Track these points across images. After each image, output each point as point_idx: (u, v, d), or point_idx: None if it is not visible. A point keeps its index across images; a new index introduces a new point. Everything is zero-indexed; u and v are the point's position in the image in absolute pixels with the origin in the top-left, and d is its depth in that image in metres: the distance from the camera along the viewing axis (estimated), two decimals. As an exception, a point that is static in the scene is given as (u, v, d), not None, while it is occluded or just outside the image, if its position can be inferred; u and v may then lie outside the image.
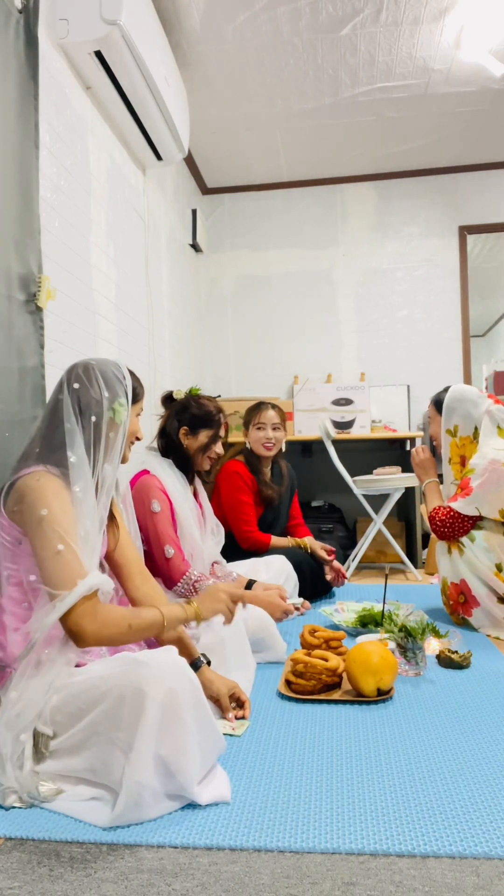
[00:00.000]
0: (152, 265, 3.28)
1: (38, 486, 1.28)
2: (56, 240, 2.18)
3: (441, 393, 2.47)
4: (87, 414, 1.36)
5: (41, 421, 1.42)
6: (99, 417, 1.36)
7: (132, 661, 1.18)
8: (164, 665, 1.16)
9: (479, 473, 2.26)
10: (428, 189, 4.36)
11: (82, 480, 1.32)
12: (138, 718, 1.10)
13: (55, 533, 1.24)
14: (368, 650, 1.63)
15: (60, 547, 1.23)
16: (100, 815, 1.12)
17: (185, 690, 1.15)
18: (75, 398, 1.36)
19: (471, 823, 1.09)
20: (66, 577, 1.22)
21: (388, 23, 2.88)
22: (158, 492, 2.06)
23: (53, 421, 1.37)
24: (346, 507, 4.38)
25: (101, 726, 1.15)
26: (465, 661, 1.89)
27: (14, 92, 1.88)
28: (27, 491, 1.28)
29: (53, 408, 1.39)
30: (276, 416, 2.87)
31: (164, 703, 1.11)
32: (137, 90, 2.50)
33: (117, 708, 1.13)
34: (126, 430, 1.42)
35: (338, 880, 0.95)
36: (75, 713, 1.19)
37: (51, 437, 1.36)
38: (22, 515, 1.28)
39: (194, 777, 1.15)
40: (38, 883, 0.96)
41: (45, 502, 1.26)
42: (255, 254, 4.53)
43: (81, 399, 1.37)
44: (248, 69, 3.17)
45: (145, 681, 1.12)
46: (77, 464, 1.32)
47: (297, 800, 1.18)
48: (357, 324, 4.43)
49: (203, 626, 1.67)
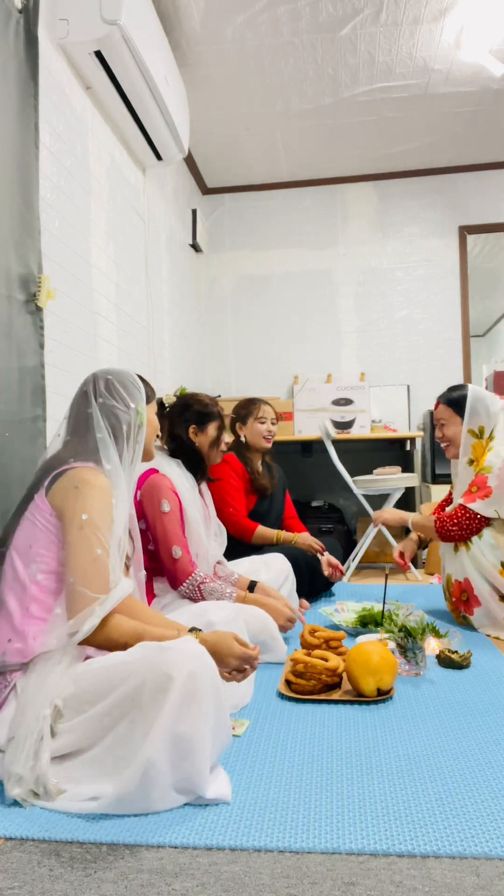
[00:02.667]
0: (152, 265, 3.28)
1: (89, 482, 1.35)
2: (56, 240, 2.18)
3: (453, 393, 2.41)
4: (116, 426, 1.47)
5: (69, 434, 1.50)
6: (128, 426, 1.48)
7: (157, 647, 1.23)
8: (188, 651, 1.21)
9: (496, 474, 2.24)
10: (428, 189, 4.36)
11: (117, 488, 1.42)
12: (163, 699, 1.14)
13: (96, 537, 1.31)
14: (368, 650, 1.63)
15: (99, 552, 1.31)
16: (104, 801, 1.13)
17: (207, 675, 1.19)
18: (104, 412, 1.47)
19: (471, 823, 1.09)
20: (103, 582, 1.30)
21: (388, 23, 2.88)
22: (169, 491, 2.06)
23: (84, 433, 1.46)
24: (346, 507, 4.38)
25: (122, 707, 1.18)
26: (465, 661, 1.89)
27: (14, 92, 1.88)
28: (79, 483, 1.35)
29: (84, 421, 1.47)
30: (272, 410, 2.98)
31: (186, 685, 1.15)
32: (137, 90, 2.50)
33: (140, 690, 1.16)
34: (146, 432, 1.54)
35: (338, 880, 0.95)
36: (93, 698, 1.21)
37: (84, 445, 1.44)
38: (64, 507, 1.34)
39: (205, 763, 1.16)
40: (38, 883, 0.96)
41: (91, 503, 1.33)
42: (255, 254, 4.53)
43: (108, 412, 1.48)
44: (248, 69, 3.17)
45: (172, 664, 1.16)
46: (112, 471, 1.43)
47: (297, 800, 1.18)
48: (357, 324, 4.43)
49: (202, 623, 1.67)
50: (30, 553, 1.34)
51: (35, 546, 1.35)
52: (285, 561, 2.59)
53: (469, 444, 2.37)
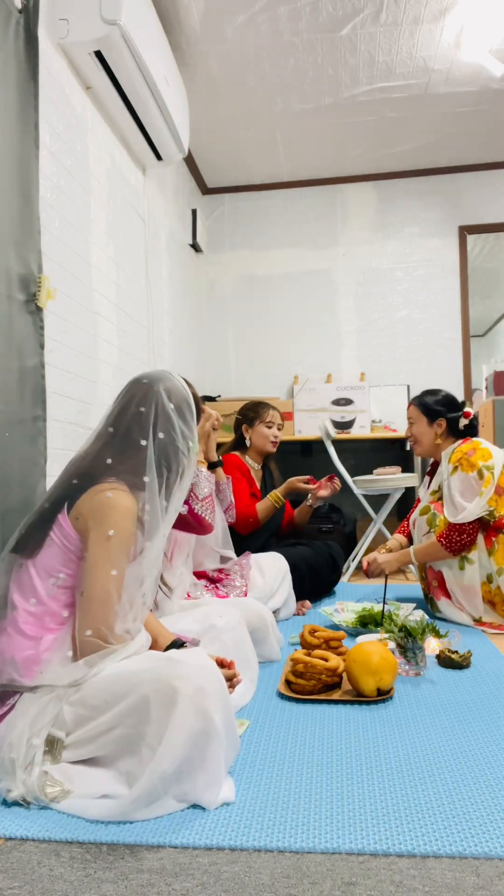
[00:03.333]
0: (152, 265, 3.28)
1: (120, 525, 1.28)
2: (56, 240, 2.18)
3: (427, 397, 2.57)
4: (168, 469, 1.38)
5: (111, 456, 1.38)
6: (181, 469, 1.40)
7: (165, 658, 1.21)
8: (196, 664, 1.19)
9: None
10: (428, 189, 4.36)
11: (152, 539, 1.35)
12: (169, 714, 1.12)
13: (116, 589, 1.27)
14: (368, 650, 1.63)
15: (114, 572, 1.27)
16: (109, 809, 1.12)
17: (215, 689, 1.17)
18: (160, 452, 1.37)
19: (471, 823, 1.09)
20: (118, 632, 1.28)
21: (388, 23, 2.88)
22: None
23: (132, 467, 1.36)
24: (346, 507, 4.37)
25: (129, 719, 1.16)
26: (465, 661, 1.89)
27: (14, 92, 1.88)
28: (112, 527, 1.28)
29: (134, 451, 1.36)
30: (280, 416, 3.00)
31: (194, 700, 1.13)
32: (137, 90, 2.50)
33: (146, 703, 1.14)
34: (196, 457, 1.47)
35: (338, 880, 0.95)
36: (100, 706, 1.19)
37: (127, 478, 1.35)
38: (91, 550, 1.28)
39: (217, 777, 1.15)
40: (38, 883, 0.96)
41: (117, 555, 1.28)
42: (255, 254, 4.53)
43: (163, 452, 1.37)
44: (248, 69, 3.17)
45: (177, 677, 1.14)
46: (150, 520, 1.34)
47: (297, 800, 1.17)
48: (357, 324, 4.43)
49: (204, 628, 1.67)
50: (49, 570, 1.31)
51: (56, 563, 1.31)
52: (282, 560, 2.58)
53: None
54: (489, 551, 2.30)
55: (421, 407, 2.56)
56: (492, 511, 2.30)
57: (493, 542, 2.31)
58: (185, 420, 1.41)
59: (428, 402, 2.55)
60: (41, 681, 1.25)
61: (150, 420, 1.38)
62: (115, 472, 1.34)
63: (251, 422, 2.95)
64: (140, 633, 1.35)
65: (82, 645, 1.26)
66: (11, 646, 1.28)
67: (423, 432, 2.55)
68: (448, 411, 2.51)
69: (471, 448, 2.39)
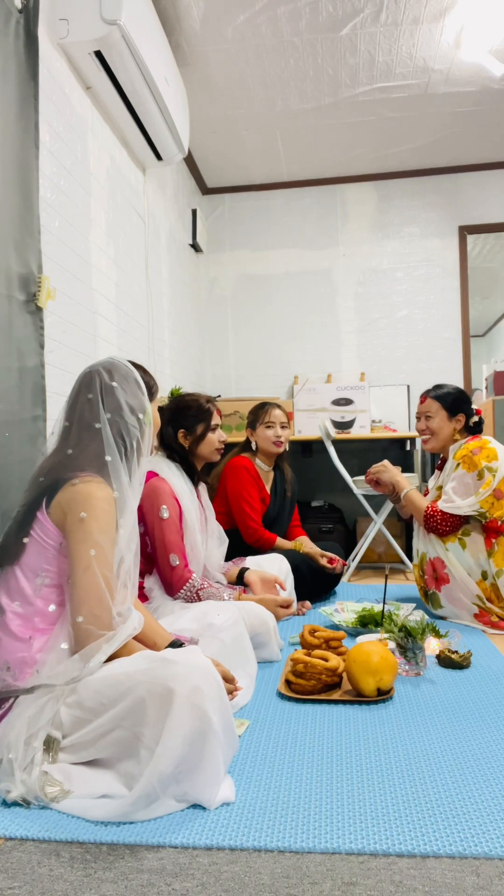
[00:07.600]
0: (152, 265, 3.28)
1: (94, 506, 1.31)
2: (56, 240, 2.18)
3: (445, 390, 2.54)
4: (127, 445, 1.42)
5: (72, 447, 1.41)
6: (137, 442, 1.43)
7: (160, 659, 1.20)
8: (192, 664, 1.19)
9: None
10: (428, 189, 4.36)
11: (124, 515, 1.38)
12: (166, 715, 1.12)
13: (103, 574, 1.28)
14: (368, 650, 1.63)
15: (93, 552, 1.28)
16: (108, 811, 1.12)
17: (212, 689, 1.17)
18: (114, 430, 1.40)
19: (471, 823, 1.09)
20: (109, 618, 1.29)
21: (388, 23, 2.88)
22: (169, 497, 2.06)
23: (92, 452, 1.39)
24: (346, 507, 4.37)
25: (126, 721, 1.16)
26: (465, 661, 1.89)
27: (14, 92, 1.88)
28: (85, 508, 1.30)
29: (90, 437, 1.40)
30: (282, 414, 2.94)
31: (191, 700, 1.13)
32: (137, 90, 2.49)
33: (143, 704, 1.14)
34: (153, 429, 1.49)
35: (338, 880, 0.95)
36: (97, 708, 1.19)
37: (90, 463, 1.38)
38: (69, 537, 1.30)
39: (215, 778, 1.15)
40: (38, 883, 0.96)
41: (97, 536, 1.30)
42: (255, 254, 4.53)
43: (117, 430, 1.41)
44: (248, 69, 3.17)
45: (173, 678, 1.14)
46: (121, 498, 1.37)
47: (297, 800, 1.18)
48: (357, 324, 4.43)
49: (202, 626, 1.67)
50: (35, 569, 1.32)
51: (41, 562, 1.32)
52: (284, 561, 2.59)
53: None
54: (489, 552, 2.30)
55: (441, 400, 2.51)
56: (483, 512, 2.30)
57: (493, 543, 2.31)
58: (130, 393, 1.44)
59: (450, 397, 2.52)
60: (38, 681, 1.25)
61: (97, 402, 1.42)
62: (80, 462, 1.38)
63: (253, 425, 2.94)
64: (132, 616, 1.35)
65: (76, 633, 1.27)
66: (3, 650, 1.28)
67: (442, 427, 2.51)
68: (468, 406, 2.52)
69: (477, 446, 2.38)
